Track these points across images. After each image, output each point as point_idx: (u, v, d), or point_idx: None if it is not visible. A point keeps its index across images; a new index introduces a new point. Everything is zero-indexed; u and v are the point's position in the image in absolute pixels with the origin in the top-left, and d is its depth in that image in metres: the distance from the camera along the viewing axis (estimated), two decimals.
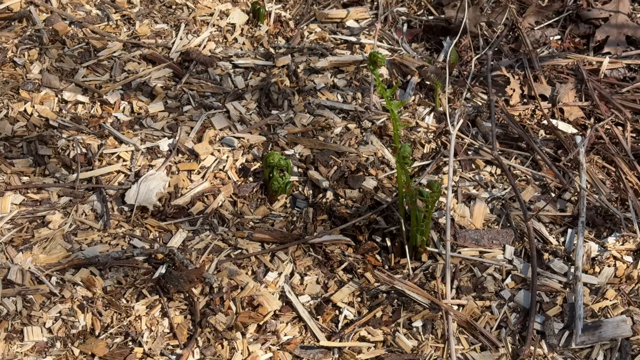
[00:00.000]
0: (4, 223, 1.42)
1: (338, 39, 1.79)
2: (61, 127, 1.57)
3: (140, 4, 1.82)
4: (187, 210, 1.46)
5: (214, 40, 1.77)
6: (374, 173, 1.52)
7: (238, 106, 1.63)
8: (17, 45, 1.70)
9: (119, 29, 1.77)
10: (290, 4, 1.86)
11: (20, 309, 1.29)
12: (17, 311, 1.29)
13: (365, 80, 1.70)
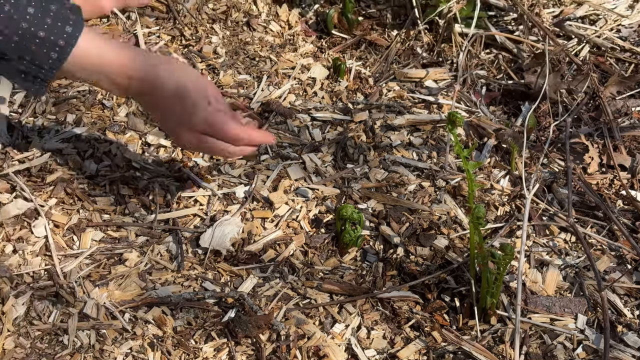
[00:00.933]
0: (83, 258, 1.46)
1: (416, 98, 1.81)
2: (143, 168, 1.62)
3: (225, 55, 1.87)
4: (258, 256, 1.49)
5: (294, 93, 1.80)
6: (446, 232, 1.52)
7: (314, 158, 1.65)
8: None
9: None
10: (371, 62, 1.89)
11: (93, 343, 1.32)
12: (90, 344, 1.32)
13: (441, 140, 1.71)
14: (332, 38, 1.93)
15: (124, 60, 1.36)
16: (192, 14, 1.94)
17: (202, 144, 1.42)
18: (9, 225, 1.51)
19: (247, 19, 1.95)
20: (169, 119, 1.42)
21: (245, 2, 1.98)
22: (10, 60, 1.32)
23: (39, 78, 1.34)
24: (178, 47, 1.88)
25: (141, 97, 1.41)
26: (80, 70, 1.35)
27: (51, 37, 1.32)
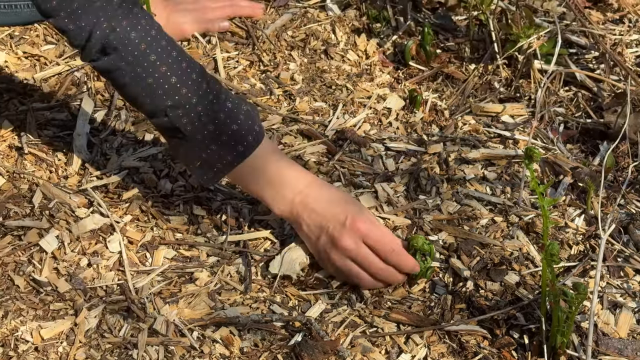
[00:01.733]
0: (155, 275, 1.49)
1: (492, 132, 1.80)
2: (216, 190, 1.64)
3: (302, 82, 1.89)
4: (327, 283, 1.49)
5: (369, 122, 1.81)
6: (517, 268, 1.51)
7: (387, 187, 1.66)
8: None
9: (280, 103, 1.84)
10: (447, 95, 1.89)
11: (161, 359, 1.34)
12: None
13: (515, 176, 1.70)
14: (409, 69, 1.94)
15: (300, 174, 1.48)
16: (271, 40, 1.96)
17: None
18: (85, 239, 1.55)
19: (325, 47, 1.97)
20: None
21: (324, 30, 2.00)
22: (198, 146, 1.44)
23: (216, 168, 1.46)
24: (256, 72, 1.91)
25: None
26: (254, 172, 1.45)
27: (242, 131, 1.44)
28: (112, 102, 1.80)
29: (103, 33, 1.40)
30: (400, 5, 2.06)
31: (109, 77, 1.45)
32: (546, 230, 1.30)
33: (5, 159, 1.69)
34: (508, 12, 1.95)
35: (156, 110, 1.44)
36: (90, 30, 1.40)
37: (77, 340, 1.38)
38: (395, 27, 2.03)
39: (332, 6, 2.06)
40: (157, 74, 1.42)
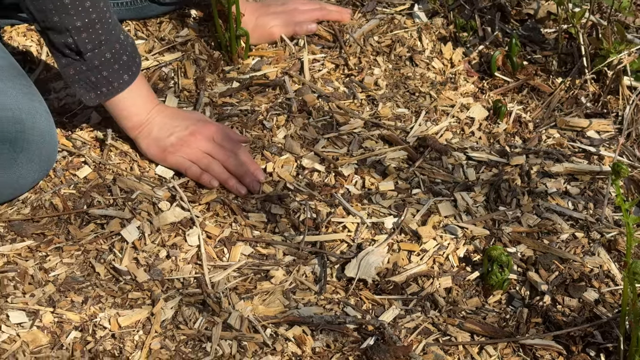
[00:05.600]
0: (231, 270, 1.50)
1: (576, 147, 1.77)
2: (296, 190, 1.65)
3: (385, 87, 1.89)
4: (401, 288, 1.48)
5: (452, 131, 1.80)
6: (596, 285, 1.48)
7: (466, 197, 1.64)
8: (267, 110, 1.81)
9: (363, 108, 1.84)
10: (532, 107, 1.87)
11: (234, 353, 1.35)
12: (232, 354, 1.35)
13: (599, 192, 1.67)
14: (494, 80, 1.92)
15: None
16: (358, 44, 1.97)
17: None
18: (165, 231, 1.57)
19: (410, 54, 1.96)
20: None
21: (410, 37, 2.00)
22: (91, 70, 1.58)
23: (99, 92, 1.62)
24: (340, 75, 1.92)
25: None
26: (128, 98, 1.64)
27: (129, 62, 1.62)
28: (199, 99, 1.83)
29: None
30: (488, 15, 2.04)
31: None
32: (629, 248, 1.27)
33: (92, 149, 1.73)
34: (599, 26, 1.92)
35: (62, 28, 1.53)
36: None
37: (152, 330, 1.40)
38: (482, 37, 2.01)
39: (420, 14, 2.06)
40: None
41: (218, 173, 1.64)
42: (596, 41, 1.86)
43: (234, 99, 1.84)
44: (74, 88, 1.62)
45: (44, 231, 1.57)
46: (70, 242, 1.56)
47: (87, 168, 1.69)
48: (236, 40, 1.90)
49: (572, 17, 1.84)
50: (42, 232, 1.57)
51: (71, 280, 1.50)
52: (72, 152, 1.72)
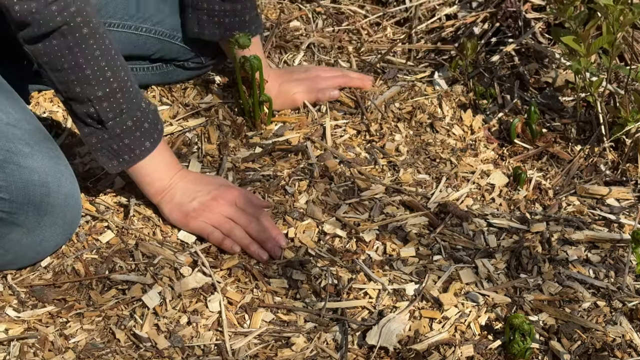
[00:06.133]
0: (252, 337, 1.51)
1: (596, 215, 1.78)
2: (317, 256, 1.66)
3: (406, 154, 1.91)
4: (423, 357, 1.48)
5: (472, 197, 1.81)
6: (619, 355, 1.47)
7: (487, 264, 1.65)
8: (289, 175, 1.83)
9: (384, 174, 1.86)
10: (552, 174, 1.88)
11: None
12: None
13: (620, 260, 1.67)
14: (513, 147, 1.94)
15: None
16: (380, 110, 1.99)
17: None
18: (187, 297, 1.58)
19: (431, 121, 1.98)
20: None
21: (430, 104, 2.02)
22: (113, 138, 1.61)
23: (122, 159, 1.64)
24: (362, 141, 1.94)
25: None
26: (150, 164, 1.66)
27: (151, 129, 1.64)
28: (222, 164, 1.85)
29: (63, 18, 1.49)
30: (508, 83, 2.07)
31: (44, 60, 1.54)
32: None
33: (115, 214, 1.75)
34: (616, 95, 1.94)
35: (84, 98, 1.57)
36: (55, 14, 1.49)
37: None
38: (502, 104, 2.03)
39: (440, 81, 2.09)
40: (96, 67, 1.55)
41: (240, 238, 1.65)
42: (614, 110, 1.88)
43: (256, 164, 1.86)
44: (97, 156, 1.64)
45: (65, 297, 1.59)
46: (91, 307, 1.57)
47: (109, 233, 1.71)
48: (259, 106, 1.93)
49: (589, 86, 1.86)
50: (64, 297, 1.59)
51: (91, 347, 1.50)
52: (96, 216, 1.74)
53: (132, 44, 1.97)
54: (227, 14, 1.92)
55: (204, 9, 1.92)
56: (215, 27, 1.93)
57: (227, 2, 1.91)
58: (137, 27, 1.96)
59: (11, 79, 1.72)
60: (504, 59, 2.11)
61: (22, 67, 1.83)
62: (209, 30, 1.94)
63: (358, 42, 2.25)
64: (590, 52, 1.80)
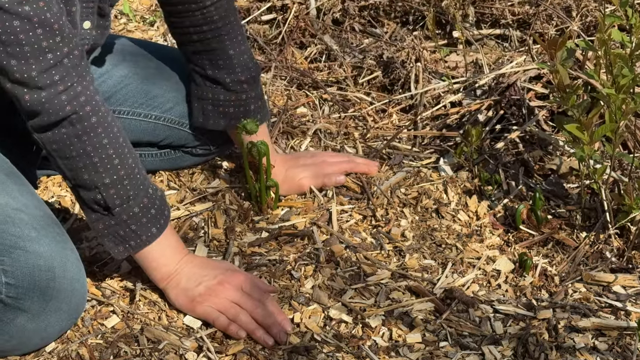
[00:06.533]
0: None
1: (603, 302, 1.77)
2: (323, 341, 1.65)
3: (412, 239, 1.91)
4: None
5: (478, 283, 1.81)
6: None
7: (494, 351, 1.64)
8: (295, 260, 1.84)
9: (390, 259, 1.86)
10: (557, 261, 1.88)
11: None
12: None
13: (627, 348, 1.66)
14: (519, 233, 1.95)
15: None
16: (385, 196, 2.01)
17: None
18: None
19: (436, 207, 2.00)
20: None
21: (436, 190, 2.04)
22: (119, 224, 1.61)
23: (128, 245, 1.64)
24: (367, 226, 1.95)
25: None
26: (157, 249, 1.66)
27: (157, 215, 1.65)
28: (228, 249, 1.86)
29: (72, 108, 1.52)
30: (512, 169, 2.09)
31: (52, 148, 1.56)
32: None
33: (121, 299, 1.75)
34: (621, 182, 1.96)
35: (91, 185, 1.58)
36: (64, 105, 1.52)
37: None
38: (507, 190, 2.05)
39: (445, 167, 2.11)
40: (104, 154, 1.56)
41: (245, 323, 1.65)
42: (618, 197, 1.89)
43: (262, 249, 1.87)
44: (103, 241, 1.65)
45: None
46: None
47: (115, 317, 1.70)
48: (266, 191, 1.95)
49: (593, 173, 1.88)
50: None
51: None
52: (101, 301, 1.74)
53: (141, 130, 2.00)
54: (232, 103, 1.95)
55: (209, 98, 1.96)
56: (220, 117, 1.97)
57: (232, 92, 1.94)
58: (147, 114, 1.99)
59: (20, 164, 1.75)
60: (508, 146, 2.14)
61: (31, 153, 1.86)
62: (214, 120, 1.97)
63: (364, 128, 2.28)
64: (593, 140, 1.82)
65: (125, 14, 2.82)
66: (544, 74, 2.25)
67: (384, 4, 2.67)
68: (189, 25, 1.90)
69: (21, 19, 1.44)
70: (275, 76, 2.46)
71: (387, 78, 2.43)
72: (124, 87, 1.98)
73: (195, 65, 1.95)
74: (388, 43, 2.55)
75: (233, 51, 1.92)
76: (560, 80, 1.79)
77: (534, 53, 2.36)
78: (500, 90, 2.23)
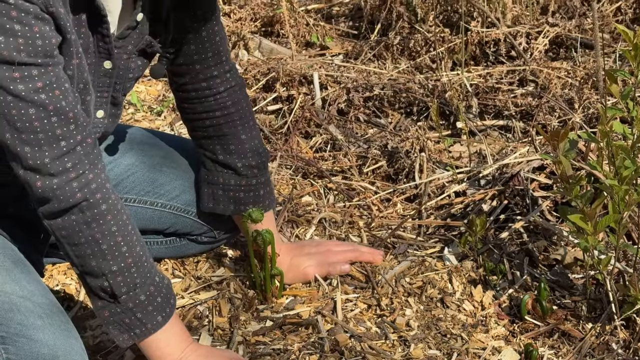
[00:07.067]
0: None
1: None
2: None
3: (417, 329, 1.91)
4: None
5: None
6: None
7: None
8: (300, 350, 1.83)
9: (394, 349, 1.85)
10: (563, 352, 1.87)
11: None
12: None
13: None
14: (524, 324, 1.94)
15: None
16: (390, 285, 2.01)
17: None
18: None
19: (441, 296, 1.99)
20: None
21: (441, 279, 2.04)
22: (125, 312, 1.61)
23: (133, 333, 1.63)
24: (372, 316, 1.94)
25: None
26: (162, 338, 1.65)
27: (163, 304, 1.64)
28: (232, 338, 1.85)
29: (83, 195, 1.52)
30: (517, 259, 2.09)
31: (61, 234, 1.56)
32: None
33: None
34: (625, 273, 1.96)
35: (99, 272, 1.57)
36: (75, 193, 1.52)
37: None
38: (512, 280, 2.05)
39: (450, 256, 2.11)
40: (112, 242, 1.56)
41: None
42: (623, 288, 1.89)
43: (267, 338, 1.86)
44: (108, 329, 1.64)
45: None
46: None
47: None
48: (271, 280, 1.95)
49: (598, 264, 1.88)
50: None
51: None
52: None
53: (147, 218, 2.01)
54: (242, 188, 1.97)
55: (219, 183, 1.98)
56: (230, 202, 1.98)
57: (243, 177, 1.96)
58: (153, 202, 2.01)
59: (27, 252, 1.76)
60: (512, 236, 2.14)
61: (38, 241, 1.87)
62: (224, 204, 1.99)
63: (369, 217, 2.29)
64: (597, 231, 1.83)
65: (133, 103, 2.87)
66: (547, 165, 2.28)
67: (388, 95, 2.72)
68: (201, 111, 1.93)
69: (37, 107, 1.46)
70: (281, 165, 2.49)
71: (391, 167, 2.46)
72: (130, 175, 2.01)
73: (206, 151, 1.98)
74: (392, 133, 2.59)
75: (245, 136, 1.95)
76: (563, 171, 1.81)
77: (537, 144, 2.39)
78: (504, 180, 2.25)
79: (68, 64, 1.52)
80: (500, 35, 2.87)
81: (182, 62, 1.86)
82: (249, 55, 3.10)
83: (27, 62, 1.43)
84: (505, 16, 2.97)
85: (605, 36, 2.96)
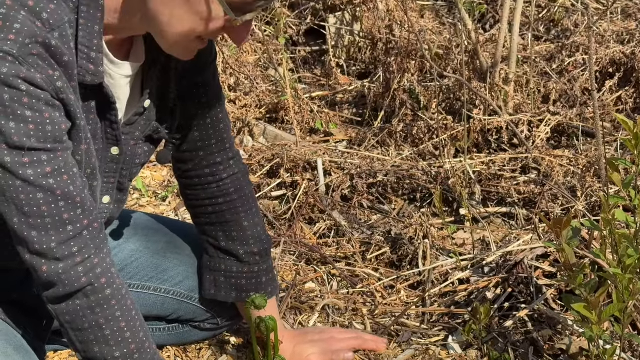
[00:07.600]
0: None
1: None
2: None
3: None
4: None
5: None
6: None
7: None
8: None
9: None
10: None
11: None
12: None
13: None
14: None
15: None
16: None
17: None
18: None
19: None
20: None
21: None
22: None
23: None
24: None
25: None
26: None
27: None
28: None
29: (88, 279, 1.52)
30: (522, 349, 2.07)
31: (65, 319, 1.55)
32: None
33: None
34: None
35: (101, 358, 1.56)
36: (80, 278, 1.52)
37: None
38: None
39: (454, 345, 2.09)
40: (116, 327, 1.55)
41: None
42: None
43: None
44: None
45: None
46: None
47: None
48: None
49: (603, 354, 1.86)
50: None
51: None
52: None
53: (150, 304, 2.01)
54: (245, 275, 1.97)
55: (221, 270, 1.97)
56: (232, 289, 1.97)
57: (245, 264, 1.96)
58: (156, 287, 2.01)
59: (29, 339, 1.75)
60: (517, 324, 2.13)
61: (41, 328, 1.86)
62: (226, 292, 1.98)
63: (372, 304, 2.28)
64: (602, 320, 1.82)
65: (138, 189, 2.88)
66: (550, 253, 2.27)
67: (391, 181, 2.73)
68: (204, 197, 1.94)
69: (45, 192, 1.47)
70: (284, 251, 2.49)
71: (395, 254, 2.46)
72: (134, 261, 2.01)
73: (209, 237, 1.98)
74: (396, 220, 2.59)
75: (247, 223, 1.95)
76: (567, 259, 1.81)
77: (541, 231, 2.39)
78: (507, 268, 2.25)
79: (77, 149, 1.54)
80: (502, 123, 2.91)
81: (186, 149, 1.88)
82: (253, 141, 3.13)
83: (37, 148, 1.44)
84: (507, 104, 3.01)
85: (607, 125, 3.00)
